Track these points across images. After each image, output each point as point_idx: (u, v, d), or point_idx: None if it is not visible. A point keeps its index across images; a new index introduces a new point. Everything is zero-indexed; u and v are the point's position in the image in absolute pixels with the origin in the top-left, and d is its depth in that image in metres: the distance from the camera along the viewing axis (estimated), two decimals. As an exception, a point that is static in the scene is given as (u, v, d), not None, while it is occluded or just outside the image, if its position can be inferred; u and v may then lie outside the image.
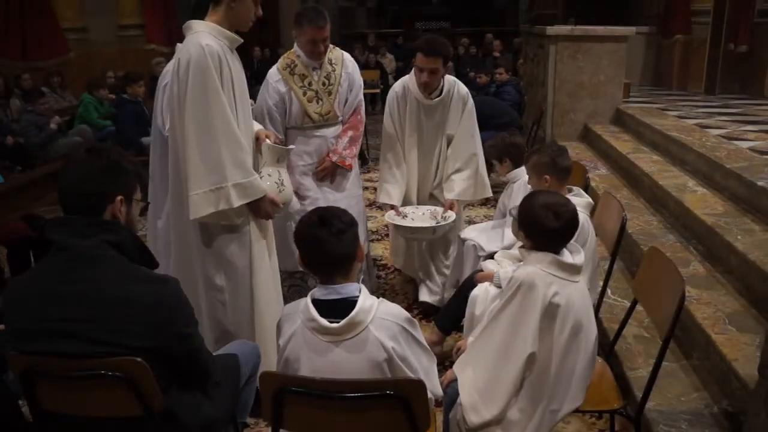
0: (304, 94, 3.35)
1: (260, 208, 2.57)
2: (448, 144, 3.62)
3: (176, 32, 2.87)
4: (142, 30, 10.65)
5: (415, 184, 3.69)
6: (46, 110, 6.87)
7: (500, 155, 3.61)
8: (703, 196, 3.98)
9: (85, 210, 1.64)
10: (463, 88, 3.58)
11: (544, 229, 2.03)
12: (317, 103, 3.38)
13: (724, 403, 2.42)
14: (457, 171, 3.58)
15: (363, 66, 11.75)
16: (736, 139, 4.94)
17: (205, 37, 2.40)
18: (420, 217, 3.56)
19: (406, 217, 3.56)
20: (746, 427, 2.11)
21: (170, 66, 3.11)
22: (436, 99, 3.48)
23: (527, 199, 2.15)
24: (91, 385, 1.57)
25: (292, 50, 3.42)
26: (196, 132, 2.37)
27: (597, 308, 2.72)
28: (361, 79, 3.61)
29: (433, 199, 3.76)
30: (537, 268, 2.00)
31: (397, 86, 3.62)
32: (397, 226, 3.54)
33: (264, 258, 2.70)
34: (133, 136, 6.50)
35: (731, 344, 2.52)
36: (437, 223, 3.47)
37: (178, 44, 3.10)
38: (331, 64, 3.41)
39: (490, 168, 4.36)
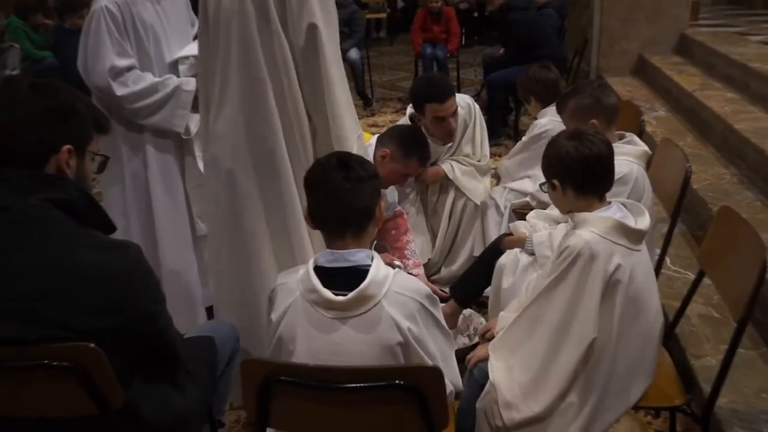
0: None
1: None
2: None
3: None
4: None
5: None
6: None
7: (525, 94, 3.75)
8: (791, 144, 3.93)
9: (26, 161, 1.61)
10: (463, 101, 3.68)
11: (575, 162, 2.00)
12: None
13: (814, 401, 2.42)
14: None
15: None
16: (835, 71, 4.85)
17: None
18: None
19: None
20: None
21: None
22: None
23: (549, 143, 2.13)
24: (33, 378, 1.55)
25: None
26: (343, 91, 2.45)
27: (654, 282, 2.71)
28: None
29: None
30: (594, 234, 1.94)
31: None
32: None
33: None
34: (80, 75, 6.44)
35: (822, 327, 2.52)
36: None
37: None
38: None
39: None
